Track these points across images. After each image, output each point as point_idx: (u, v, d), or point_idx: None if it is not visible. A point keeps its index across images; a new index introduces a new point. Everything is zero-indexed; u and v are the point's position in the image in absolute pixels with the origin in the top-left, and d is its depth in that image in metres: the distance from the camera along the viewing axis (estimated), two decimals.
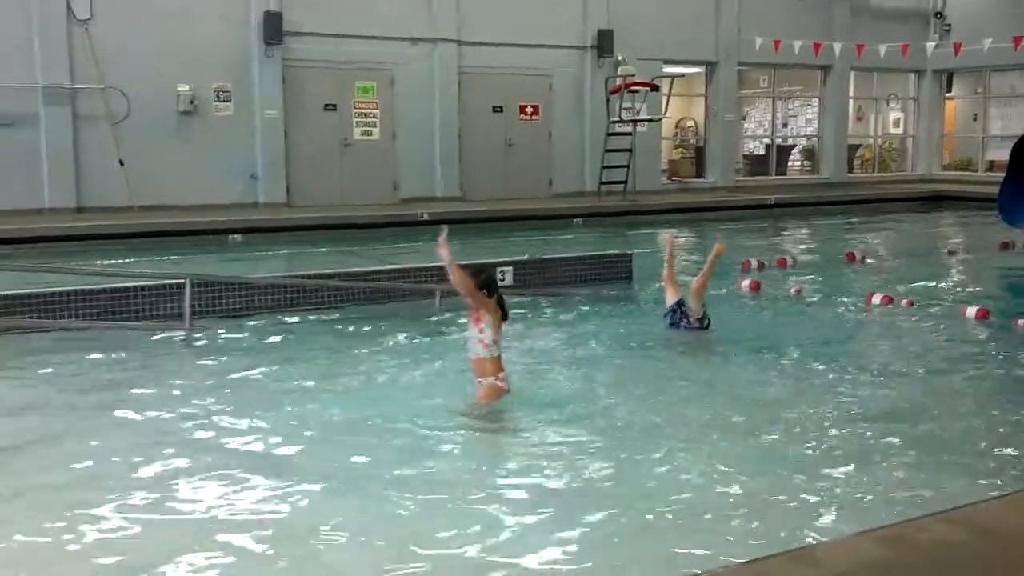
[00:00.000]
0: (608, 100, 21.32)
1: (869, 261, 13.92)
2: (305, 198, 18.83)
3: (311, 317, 9.58)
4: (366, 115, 19.68)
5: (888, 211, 21.86)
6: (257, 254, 14.70)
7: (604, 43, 21.51)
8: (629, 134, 21.12)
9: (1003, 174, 15.05)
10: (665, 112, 22.19)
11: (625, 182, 21.10)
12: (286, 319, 9.47)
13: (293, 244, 15.42)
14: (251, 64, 18.38)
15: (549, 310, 10.05)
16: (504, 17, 20.50)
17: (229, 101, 18.37)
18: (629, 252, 12.11)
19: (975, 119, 27.70)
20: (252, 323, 9.23)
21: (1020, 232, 15.11)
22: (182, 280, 9.10)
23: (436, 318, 9.60)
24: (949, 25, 26.40)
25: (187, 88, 17.82)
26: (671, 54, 22.57)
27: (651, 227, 18.58)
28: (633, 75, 20.77)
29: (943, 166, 27.92)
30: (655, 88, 21.22)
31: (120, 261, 12.95)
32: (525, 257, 11.36)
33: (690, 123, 26.16)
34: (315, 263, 13.14)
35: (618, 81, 20.91)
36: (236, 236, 15.85)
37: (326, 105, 19.25)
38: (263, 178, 18.59)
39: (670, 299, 9.01)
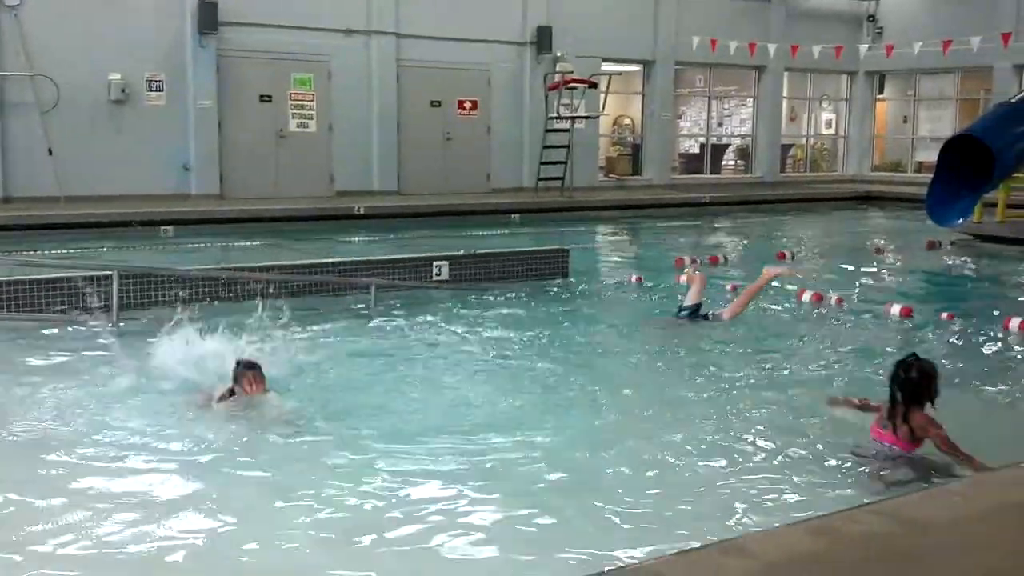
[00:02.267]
0: (547, 96, 21.37)
1: (800, 258, 14.12)
2: (239, 190, 18.58)
3: (242, 311, 9.40)
4: (302, 107, 19.47)
5: (819, 210, 22.22)
6: (189, 246, 14.44)
7: (543, 39, 21.55)
8: (567, 130, 21.18)
9: (931, 175, 15.37)
10: (603, 109, 22.29)
11: (563, 178, 21.15)
12: (217, 313, 9.27)
13: (226, 236, 15.19)
14: (185, 53, 18.07)
15: (485, 305, 10.02)
16: (443, 11, 20.43)
17: (161, 91, 18.05)
18: (566, 248, 12.15)
19: (905, 121, 28.23)
20: (181, 316, 9.03)
21: (948, 230, 15.43)
22: (109, 272, 8.89)
23: (369, 311, 9.53)
24: (881, 28, 26.85)
25: (118, 77, 17.47)
26: (609, 52, 22.69)
27: (588, 223, 18.68)
28: (571, 72, 20.85)
29: (873, 167, 28.40)
30: (593, 85, 21.30)
31: (47, 252, 12.62)
32: (461, 252, 11.31)
33: (627, 121, 26.31)
34: (248, 256, 12.96)
35: (557, 77, 20.98)
36: (167, 228, 15.59)
37: (262, 96, 19.01)
38: (196, 169, 18.31)
39: (691, 300, 9.05)
